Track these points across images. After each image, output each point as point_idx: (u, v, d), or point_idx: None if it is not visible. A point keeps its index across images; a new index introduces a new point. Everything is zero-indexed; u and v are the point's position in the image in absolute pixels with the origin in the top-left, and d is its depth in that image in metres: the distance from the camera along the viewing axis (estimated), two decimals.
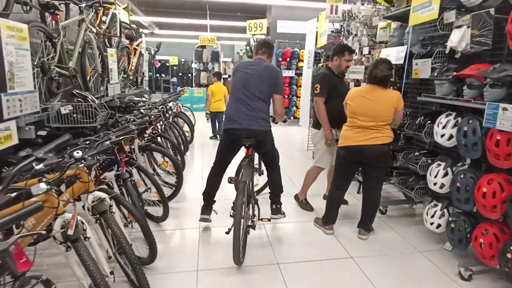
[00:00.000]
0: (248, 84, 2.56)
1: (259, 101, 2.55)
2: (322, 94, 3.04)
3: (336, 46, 3.17)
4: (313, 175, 3.43)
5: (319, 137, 3.22)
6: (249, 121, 2.50)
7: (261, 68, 2.58)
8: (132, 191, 2.28)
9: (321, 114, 3.06)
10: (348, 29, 4.09)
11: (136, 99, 4.85)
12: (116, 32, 5.10)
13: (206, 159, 5.28)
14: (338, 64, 3.10)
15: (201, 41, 13.04)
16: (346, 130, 2.65)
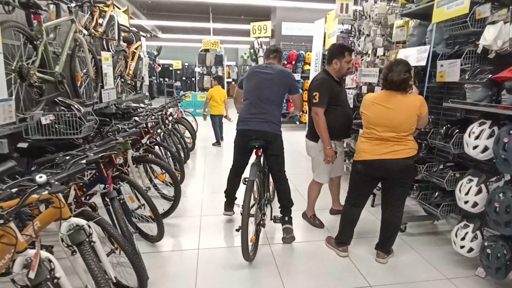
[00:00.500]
0: (262, 87, 2.63)
1: (272, 104, 2.63)
2: (322, 103, 2.66)
3: (334, 48, 2.78)
4: (315, 190, 3.12)
5: (317, 150, 2.87)
6: (260, 123, 2.59)
7: (275, 72, 2.65)
8: (119, 213, 2.00)
9: (321, 127, 2.67)
10: (359, 29, 3.79)
11: (134, 105, 4.59)
12: (114, 36, 4.87)
13: (208, 168, 5.00)
14: (339, 67, 2.73)
15: (204, 44, 12.84)
16: (363, 142, 2.33)
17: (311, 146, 2.92)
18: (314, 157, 2.94)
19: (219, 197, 3.68)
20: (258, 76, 2.67)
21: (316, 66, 4.96)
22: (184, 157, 4.96)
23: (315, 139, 2.84)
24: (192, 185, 4.23)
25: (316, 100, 2.66)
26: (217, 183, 4.28)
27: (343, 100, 2.83)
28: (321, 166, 2.90)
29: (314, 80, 2.79)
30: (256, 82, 2.67)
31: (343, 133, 2.90)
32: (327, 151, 2.73)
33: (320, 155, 2.85)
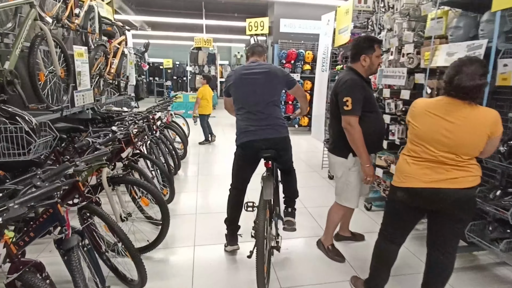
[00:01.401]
0: (258, 91, 2.27)
1: (272, 106, 2.30)
2: (356, 111, 2.12)
3: (360, 41, 2.24)
4: (339, 216, 2.56)
5: (346, 168, 2.32)
6: (266, 130, 2.25)
7: (265, 71, 2.31)
8: (78, 269, 1.40)
9: (357, 141, 2.14)
10: (380, 23, 3.26)
11: (115, 109, 3.97)
12: (94, 29, 4.24)
13: (203, 179, 4.40)
14: (369, 64, 2.20)
15: (197, 42, 12.22)
16: (408, 163, 1.78)
17: (338, 163, 2.35)
18: (341, 177, 2.38)
19: (216, 218, 3.11)
20: (248, 79, 2.29)
21: (324, 66, 4.42)
22: (175, 167, 4.36)
23: (344, 154, 2.29)
24: (184, 202, 3.63)
25: (348, 107, 2.11)
26: (213, 199, 3.69)
27: (375, 104, 2.30)
28: (350, 187, 2.36)
29: (341, 82, 2.21)
30: (248, 86, 2.29)
31: (376, 145, 2.37)
32: (366, 169, 2.20)
33: (350, 174, 2.32)
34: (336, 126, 2.29)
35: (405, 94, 2.80)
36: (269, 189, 2.09)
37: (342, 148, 2.27)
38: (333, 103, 2.29)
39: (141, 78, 15.34)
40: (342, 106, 2.15)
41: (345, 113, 2.14)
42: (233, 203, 2.49)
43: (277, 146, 2.25)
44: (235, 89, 2.33)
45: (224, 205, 2.54)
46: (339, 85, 2.22)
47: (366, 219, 3.27)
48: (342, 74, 2.29)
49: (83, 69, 3.20)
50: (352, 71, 2.26)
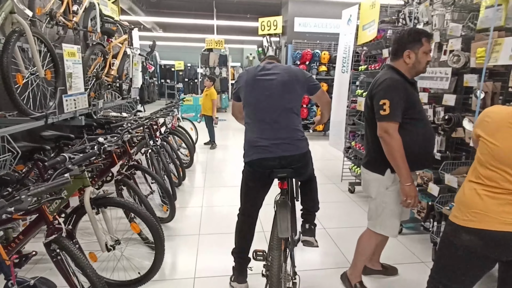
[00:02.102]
0: (273, 95, 1.83)
1: (290, 114, 1.84)
2: (395, 116, 1.73)
3: (405, 34, 1.83)
4: (371, 247, 2.09)
5: (383, 186, 1.90)
6: (282, 145, 1.80)
7: (281, 72, 1.87)
8: None
9: (396, 153, 1.73)
10: (415, 16, 2.79)
11: (113, 114, 3.61)
12: (96, 28, 3.92)
13: (208, 193, 4.00)
14: (414, 61, 1.80)
15: (208, 43, 11.91)
16: (479, 195, 1.31)
17: (373, 181, 1.94)
18: (376, 197, 1.95)
19: (222, 240, 2.70)
20: (262, 80, 1.86)
21: (344, 67, 3.96)
22: (179, 178, 3.98)
23: (379, 169, 1.88)
24: (186, 220, 3.23)
25: (385, 111, 1.72)
26: (220, 216, 3.27)
27: (421, 111, 1.87)
28: (387, 211, 1.92)
29: (378, 82, 1.81)
30: (262, 90, 1.85)
31: (422, 161, 1.92)
32: (406, 189, 1.77)
33: (387, 194, 1.89)
34: (371, 135, 1.91)
35: (449, 99, 2.32)
36: (286, 222, 1.64)
37: (378, 162, 1.87)
38: (368, 108, 1.89)
39: (153, 80, 15.21)
40: (378, 111, 1.75)
41: (382, 118, 1.75)
42: (242, 233, 2.07)
43: (296, 164, 1.83)
44: (246, 92, 1.91)
45: (232, 225, 2.12)
46: (376, 86, 1.82)
47: (396, 246, 2.79)
48: (380, 73, 1.89)
49: (75, 71, 2.85)
50: (392, 70, 1.85)
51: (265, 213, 2.11)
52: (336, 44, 7.56)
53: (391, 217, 1.94)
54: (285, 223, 1.64)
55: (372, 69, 3.43)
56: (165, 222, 3.03)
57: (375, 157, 1.90)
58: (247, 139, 1.90)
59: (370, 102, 1.86)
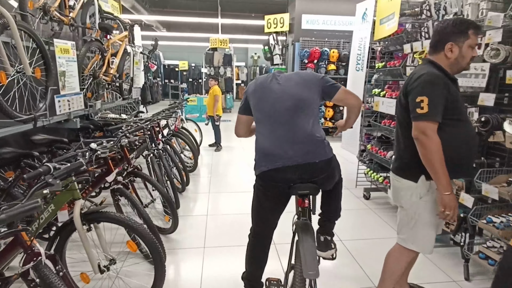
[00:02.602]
0: (286, 95, 1.59)
1: (309, 115, 1.59)
2: (434, 116, 1.49)
3: (449, 24, 1.57)
4: (401, 265, 1.82)
5: (416, 195, 1.65)
6: (302, 151, 1.52)
7: (293, 76, 1.69)
8: None
9: (433, 157, 1.49)
10: (443, 7, 2.51)
11: (112, 116, 3.38)
12: (95, 25, 3.70)
13: (214, 199, 3.75)
14: (457, 55, 1.57)
15: (212, 42, 11.69)
16: None
17: (404, 189, 1.69)
18: (408, 208, 1.69)
19: (229, 255, 2.45)
20: (275, 85, 1.63)
21: (359, 64, 3.70)
22: (182, 183, 3.74)
23: (413, 175, 1.65)
24: (190, 231, 2.97)
25: (422, 109, 1.49)
26: (226, 227, 3.02)
27: (462, 111, 1.63)
28: (421, 223, 1.67)
29: (415, 77, 1.57)
30: (277, 91, 1.62)
31: (464, 168, 1.66)
32: (445, 198, 1.52)
33: (421, 204, 1.65)
34: (404, 137, 1.68)
35: (486, 99, 2.05)
36: (312, 256, 1.31)
37: (411, 167, 1.64)
38: (401, 107, 1.66)
39: (156, 80, 15.03)
40: (415, 109, 1.52)
41: (419, 117, 1.51)
42: (253, 256, 1.80)
43: (319, 176, 1.55)
44: (255, 97, 1.67)
45: (240, 236, 1.86)
46: (411, 82, 1.58)
47: (423, 261, 2.51)
48: (417, 68, 1.67)
49: (70, 69, 2.62)
50: (431, 65, 1.61)
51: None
52: (345, 41, 7.31)
53: (426, 230, 1.68)
54: (312, 257, 1.30)
55: (391, 66, 3.16)
56: (167, 233, 2.79)
57: (408, 162, 1.67)
58: (258, 147, 1.63)
59: (404, 100, 1.62)
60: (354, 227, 3.10)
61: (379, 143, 3.69)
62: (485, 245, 2.19)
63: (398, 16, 2.92)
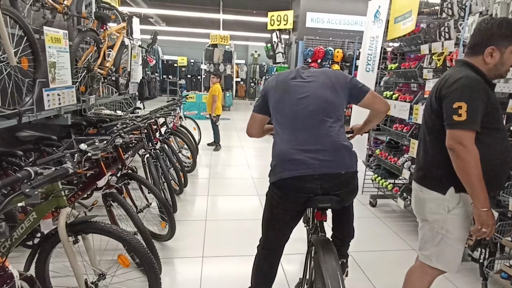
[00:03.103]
0: (310, 97, 1.45)
1: (336, 120, 1.45)
2: (473, 124, 1.32)
3: (494, 25, 1.38)
4: (424, 285, 1.65)
5: (444, 209, 1.48)
6: (325, 159, 1.36)
7: (319, 74, 1.54)
8: None
9: (471, 170, 1.31)
10: (466, 4, 2.33)
11: (106, 112, 3.17)
12: (91, 14, 3.49)
13: (213, 202, 3.56)
14: (498, 61, 1.39)
15: (212, 39, 11.46)
16: None
17: (430, 200, 1.52)
18: (434, 222, 1.52)
19: (229, 265, 2.26)
20: (301, 82, 1.51)
21: (369, 65, 3.52)
22: (180, 185, 3.54)
23: (440, 186, 1.48)
24: (188, 237, 2.77)
25: (460, 116, 1.32)
26: (227, 234, 2.82)
27: (500, 120, 1.46)
28: (448, 239, 1.50)
29: (451, 80, 1.39)
30: (300, 90, 1.49)
31: (499, 181, 1.51)
32: (483, 215, 1.34)
33: (449, 218, 1.48)
34: (432, 145, 1.52)
35: None
36: (337, 281, 1.17)
37: (439, 177, 1.49)
38: (432, 112, 1.49)
39: (154, 75, 14.77)
40: (451, 115, 1.35)
41: (455, 125, 1.34)
42: (262, 270, 1.65)
43: (344, 188, 1.40)
44: (276, 96, 1.53)
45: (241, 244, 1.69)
46: (447, 85, 1.40)
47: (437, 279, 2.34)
48: (452, 70, 1.48)
49: (61, 60, 2.41)
50: (468, 67, 1.44)
51: None
52: (350, 41, 7.14)
53: (454, 247, 1.51)
54: (337, 283, 1.16)
55: (406, 68, 2.98)
56: (163, 240, 2.60)
57: (435, 171, 1.51)
58: (277, 151, 1.46)
59: (436, 104, 1.45)
60: (362, 237, 2.92)
61: (388, 148, 3.52)
62: (508, 264, 2.02)
63: (416, 14, 2.74)
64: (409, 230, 3.04)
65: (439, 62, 2.60)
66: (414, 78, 2.97)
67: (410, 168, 2.84)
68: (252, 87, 16.82)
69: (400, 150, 3.54)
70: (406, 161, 2.95)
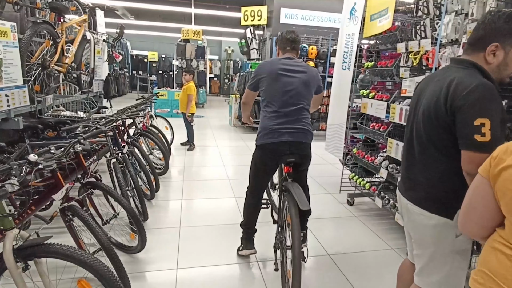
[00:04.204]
0: (292, 91, 2.10)
1: (304, 110, 2.15)
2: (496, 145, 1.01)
3: (501, 17, 1.18)
4: None
5: (451, 233, 1.30)
6: (296, 134, 2.10)
7: (304, 72, 2.15)
8: None
9: None
10: (442, 3, 2.30)
11: (66, 113, 2.89)
12: (46, 4, 3.15)
13: (187, 207, 3.37)
14: (501, 61, 1.21)
15: (184, 33, 11.09)
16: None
17: (436, 226, 1.33)
18: (439, 247, 1.35)
19: (207, 277, 2.12)
20: (285, 76, 2.10)
21: (345, 63, 3.47)
22: (151, 190, 3.33)
23: (447, 211, 1.29)
24: (159, 250, 2.59)
25: (484, 136, 1.12)
26: (203, 242, 2.66)
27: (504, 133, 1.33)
28: (458, 264, 1.34)
29: (462, 87, 1.18)
30: (285, 84, 2.10)
31: None
32: None
33: (457, 242, 1.30)
34: (438, 163, 1.30)
35: None
36: (303, 196, 1.84)
37: (446, 200, 1.29)
38: (438, 124, 1.27)
39: (123, 71, 14.10)
40: (471, 135, 1.14)
41: (479, 147, 1.13)
42: (249, 209, 2.35)
43: (302, 153, 2.13)
44: (268, 84, 2.13)
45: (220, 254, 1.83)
46: (460, 94, 1.18)
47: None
48: (459, 73, 1.24)
49: (9, 56, 2.13)
50: (476, 69, 1.24)
51: None
52: (324, 38, 7.13)
53: (461, 272, 1.36)
54: (303, 196, 1.82)
55: (383, 66, 2.96)
56: (133, 253, 2.40)
57: (440, 192, 1.31)
58: (265, 124, 2.10)
59: (447, 116, 1.22)
60: (341, 238, 2.89)
61: (364, 147, 3.51)
62: None
63: (393, 11, 2.71)
64: (387, 228, 3.05)
65: (415, 61, 2.59)
66: (390, 77, 2.95)
67: (388, 168, 2.83)
68: (226, 83, 16.55)
69: (376, 148, 3.55)
70: (383, 160, 2.93)
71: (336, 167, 4.96)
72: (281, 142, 2.03)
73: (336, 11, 7.23)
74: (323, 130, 7.40)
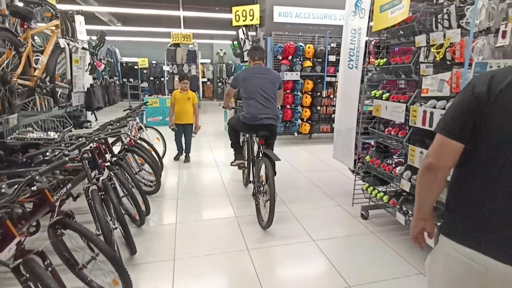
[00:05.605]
0: (265, 88, 3.16)
1: (273, 100, 3.20)
2: None
3: None
4: None
5: None
6: (269, 119, 3.12)
7: (269, 75, 3.26)
8: None
9: None
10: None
11: (33, 136, 2.48)
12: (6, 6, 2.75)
13: (182, 234, 2.97)
14: None
15: (174, 38, 10.69)
16: None
17: None
18: None
19: None
20: (259, 78, 3.19)
21: (352, 61, 3.10)
22: (140, 216, 2.92)
23: None
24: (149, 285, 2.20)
25: None
26: (201, 281, 2.27)
27: None
28: None
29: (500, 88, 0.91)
30: (259, 83, 3.16)
31: None
32: None
33: None
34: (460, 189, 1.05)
35: None
36: (274, 153, 2.95)
37: None
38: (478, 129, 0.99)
39: (114, 79, 13.65)
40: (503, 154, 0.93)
41: None
42: (234, 135, 3.61)
43: (272, 131, 3.14)
44: (246, 82, 3.19)
45: None
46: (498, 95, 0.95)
47: None
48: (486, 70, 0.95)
49: None
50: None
51: None
52: (320, 36, 6.77)
53: None
54: (274, 154, 2.93)
55: (398, 63, 2.59)
56: None
57: None
58: (248, 111, 3.13)
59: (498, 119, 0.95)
60: (360, 262, 2.50)
61: (377, 153, 3.15)
62: None
63: (405, 2, 2.34)
64: (410, 246, 2.68)
65: (438, 55, 2.23)
66: (407, 75, 2.59)
67: (411, 179, 2.46)
68: (219, 87, 16.16)
69: (390, 154, 3.19)
70: (404, 171, 2.56)
71: (342, 172, 4.60)
72: (259, 124, 3.08)
73: (332, 7, 6.88)
74: (324, 132, 7.05)
